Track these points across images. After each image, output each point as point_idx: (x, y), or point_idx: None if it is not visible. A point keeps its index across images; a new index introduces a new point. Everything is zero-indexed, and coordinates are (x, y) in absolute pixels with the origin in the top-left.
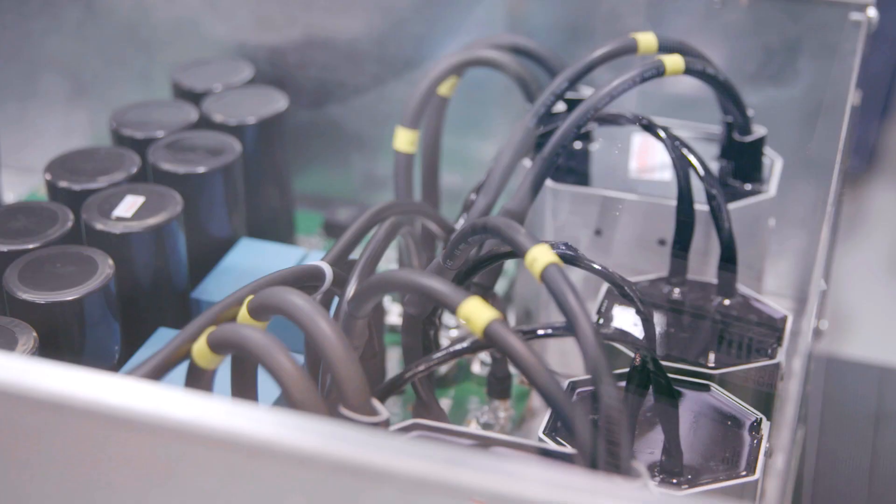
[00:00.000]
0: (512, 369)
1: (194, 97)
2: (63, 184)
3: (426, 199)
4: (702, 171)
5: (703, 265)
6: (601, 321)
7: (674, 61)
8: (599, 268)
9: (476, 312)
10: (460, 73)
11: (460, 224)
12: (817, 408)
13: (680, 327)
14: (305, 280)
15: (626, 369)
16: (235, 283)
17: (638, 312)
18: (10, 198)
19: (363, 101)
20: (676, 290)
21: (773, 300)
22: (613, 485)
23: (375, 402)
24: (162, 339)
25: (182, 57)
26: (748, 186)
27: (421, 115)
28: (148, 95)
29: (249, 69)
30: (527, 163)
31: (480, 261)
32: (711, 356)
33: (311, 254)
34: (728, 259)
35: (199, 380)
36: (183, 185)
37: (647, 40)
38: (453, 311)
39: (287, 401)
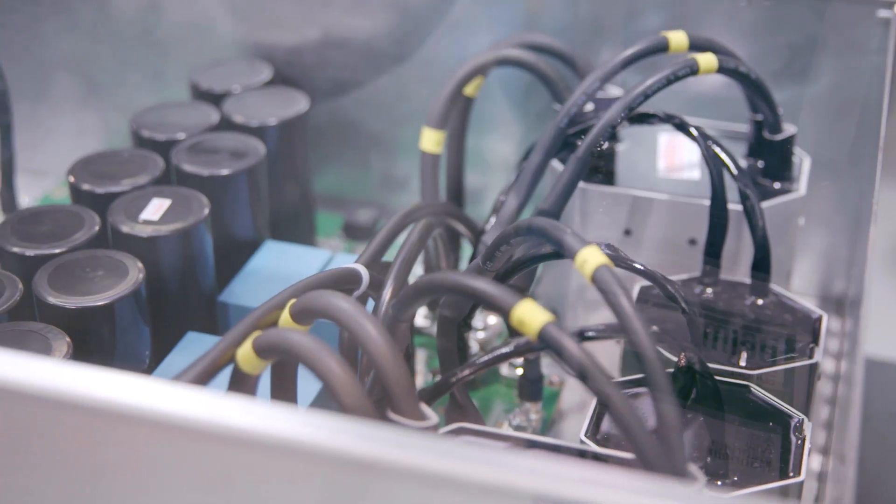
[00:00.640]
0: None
1: (213, 98)
2: (86, 186)
3: (451, 200)
4: (735, 171)
5: (734, 265)
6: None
7: (707, 60)
8: (641, 267)
9: (530, 315)
10: (486, 73)
11: (490, 225)
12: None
13: (715, 327)
14: (343, 283)
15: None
16: (262, 286)
17: (683, 313)
18: (25, 201)
19: (382, 100)
20: (709, 290)
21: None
22: (673, 488)
23: (424, 407)
24: (191, 344)
25: (196, 58)
26: (777, 185)
27: (448, 116)
28: (162, 96)
29: (267, 70)
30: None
31: (520, 262)
32: (748, 356)
33: (337, 256)
34: (762, 258)
35: (243, 385)
36: (207, 187)
37: (677, 39)
38: (506, 314)
39: (338, 405)
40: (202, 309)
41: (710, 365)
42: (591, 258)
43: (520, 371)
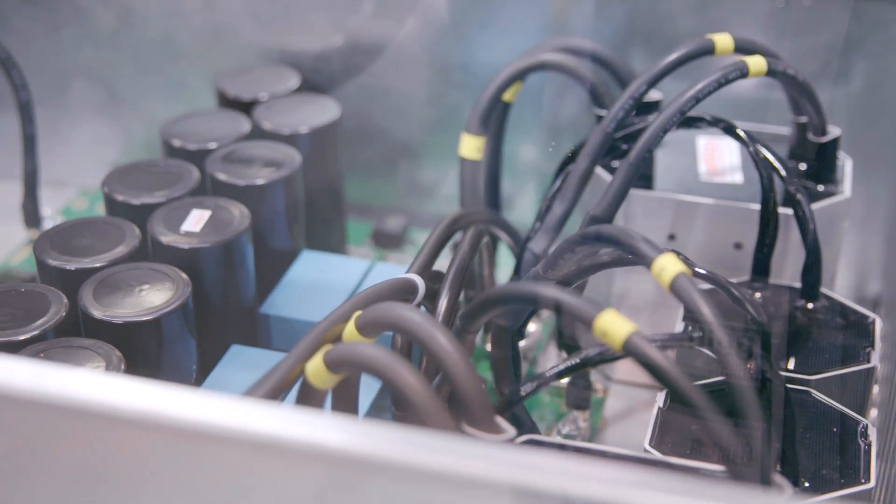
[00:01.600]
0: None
1: (240, 106)
2: (121, 197)
3: (489, 206)
4: (785, 175)
5: (778, 269)
6: (690, 328)
7: (756, 62)
8: (707, 273)
9: (614, 325)
10: (524, 78)
11: (536, 232)
12: None
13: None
14: (400, 294)
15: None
16: (303, 296)
17: (753, 321)
18: (47, 212)
19: (410, 107)
20: (759, 295)
21: None
22: (764, 498)
23: (499, 419)
24: (236, 357)
25: (218, 65)
26: (821, 188)
27: (488, 121)
28: (184, 105)
29: (295, 77)
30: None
31: (583, 270)
32: (802, 361)
33: (376, 265)
34: (813, 262)
35: (312, 399)
36: (243, 197)
37: (723, 41)
38: (588, 324)
39: (418, 418)
40: (243, 321)
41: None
42: (668, 266)
43: (565, 379)
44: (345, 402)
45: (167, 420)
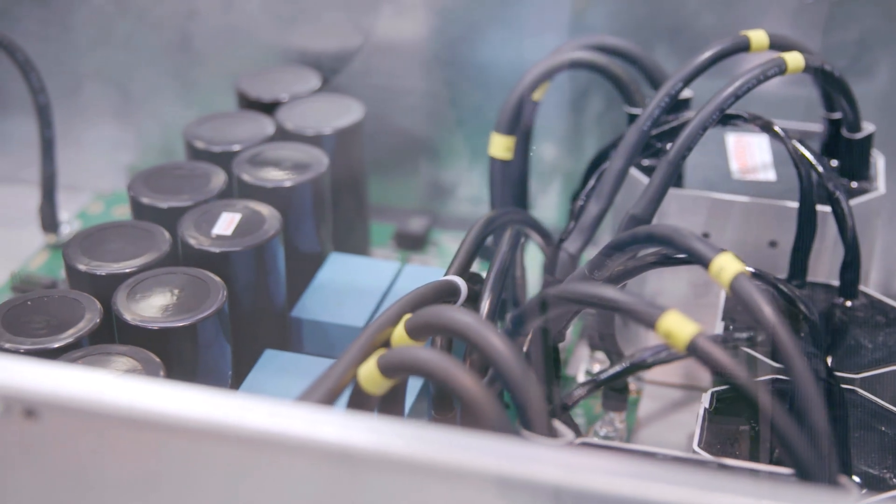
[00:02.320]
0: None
1: (261, 107)
2: (148, 201)
3: (517, 206)
4: (823, 172)
5: (814, 266)
6: (730, 327)
7: (794, 59)
8: (756, 272)
9: (678, 326)
10: (552, 77)
11: (570, 232)
12: None
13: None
14: (444, 296)
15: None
16: (334, 300)
17: (805, 319)
18: (64, 217)
19: (431, 106)
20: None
21: None
22: (835, 499)
23: (557, 423)
24: (270, 361)
25: (235, 66)
26: (854, 184)
27: (518, 121)
28: (200, 107)
29: (316, 77)
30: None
31: (629, 271)
32: (843, 359)
33: (406, 267)
34: (852, 259)
35: (364, 404)
36: (271, 199)
37: (758, 37)
38: (651, 325)
39: (480, 421)
40: (275, 325)
41: None
42: (727, 266)
43: None
44: (393, 406)
45: (235, 430)
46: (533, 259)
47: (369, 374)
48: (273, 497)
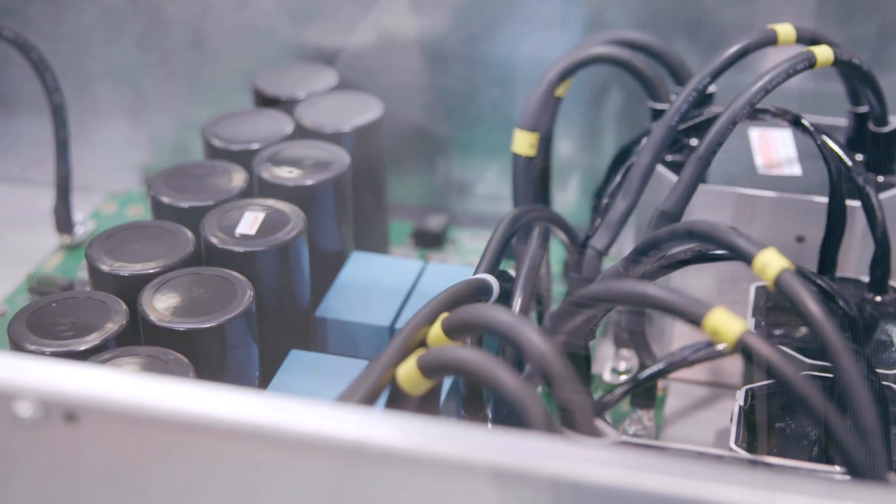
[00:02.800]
0: None
1: (279, 105)
2: (168, 200)
3: (539, 203)
4: (852, 166)
5: (842, 262)
6: (762, 323)
7: (823, 52)
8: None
9: (725, 323)
10: (575, 73)
11: (596, 229)
12: None
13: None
14: (477, 295)
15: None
16: (358, 299)
17: (844, 316)
18: (78, 217)
19: (450, 103)
20: None
21: None
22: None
23: (600, 423)
24: (296, 362)
25: (248, 64)
26: (881, 178)
27: (541, 117)
28: (213, 105)
29: (333, 74)
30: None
31: (664, 267)
32: (878, 356)
33: (429, 266)
34: (883, 254)
35: (403, 405)
36: (292, 198)
37: (785, 31)
38: (697, 323)
39: (524, 420)
40: (299, 324)
41: None
42: (771, 262)
43: (623, 378)
44: (429, 405)
45: (281, 433)
46: (552, 256)
47: (409, 374)
48: (312, 496)
